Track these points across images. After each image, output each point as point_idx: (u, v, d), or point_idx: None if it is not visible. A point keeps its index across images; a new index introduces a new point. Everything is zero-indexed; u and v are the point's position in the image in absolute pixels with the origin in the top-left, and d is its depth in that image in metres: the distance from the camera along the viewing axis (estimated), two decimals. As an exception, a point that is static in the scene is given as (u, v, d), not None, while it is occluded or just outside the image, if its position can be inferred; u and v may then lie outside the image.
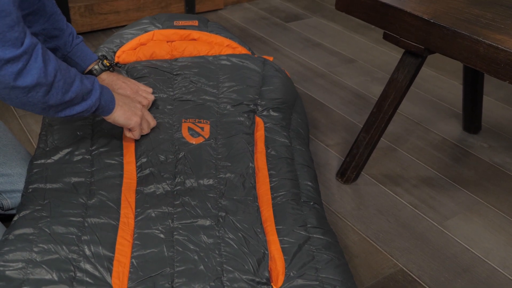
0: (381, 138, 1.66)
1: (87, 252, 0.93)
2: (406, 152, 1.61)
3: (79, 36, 1.23)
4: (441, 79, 2.08)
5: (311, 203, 1.15)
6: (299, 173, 1.24)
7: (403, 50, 1.35)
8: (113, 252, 0.95)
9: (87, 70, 1.24)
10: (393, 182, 1.47)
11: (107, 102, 1.03)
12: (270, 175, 1.20)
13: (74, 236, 0.96)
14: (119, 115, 1.06)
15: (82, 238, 0.96)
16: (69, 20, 2.21)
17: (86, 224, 0.99)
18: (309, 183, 1.22)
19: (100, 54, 1.28)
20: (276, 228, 1.06)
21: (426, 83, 2.04)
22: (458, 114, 1.82)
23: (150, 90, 1.32)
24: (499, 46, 1.07)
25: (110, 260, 0.93)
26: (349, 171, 1.45)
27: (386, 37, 1.33)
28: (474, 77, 1.61)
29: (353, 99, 1.90)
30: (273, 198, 1.14)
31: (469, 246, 1.26)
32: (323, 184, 1.45)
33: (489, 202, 1.41)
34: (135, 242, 0.99)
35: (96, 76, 1.24)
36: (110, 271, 0.91)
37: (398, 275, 1.17)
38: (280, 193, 1.15)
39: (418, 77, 2.07)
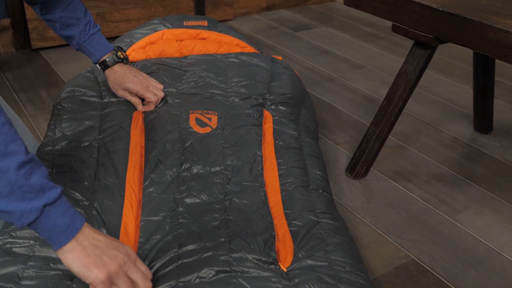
0: (391, 137, 1.65)
1: None
2: (417, 150, 1.59)
3: (97, 25, 1.22)
4: (451, 84, 2.06)
5: (320, 191, 1.13)
6: (307, 163, 1.22)
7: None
8: (118, 236, 0.93)
9: (101, 60, 1.23)
10: (404, 178, 1.45)
11: (55, 227, 0.70)
12: (278, 164, 1.18)
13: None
14: (73, 258, 0.71)
15: (88, 221, 0.95)
16: (80, 27, 2.24)
17: (92, 207, 0.98)
18: (318, 172, 1.20)
19: (116, 45, 1.28)
20: (285, 213, 1.04)
21: (436, 87, 2.02)
22: (469, 116, 1.80)
23: (161, 86, 1.31)
24: (510, 30, 1.06)
25: None
26: (358, 166, 1.43)
27: (394, 29, 1.33)
28: (485, 76, 1.59)
29: (362, 101, 1.89)
30: (281, 185, 1.12)
31: (482, 238, 1.23)
32: (332, 179, 1.43)
33: (503, 198, 1.38)
34: (141, 229, 0.97)
35: (109, 66, 1.24)
36: None
37: (409, 265, 1.14)
38: (289, 180, 1.13)
39: (428, 81, 2.07)
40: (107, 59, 1.22)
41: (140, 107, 1.27)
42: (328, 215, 1.05)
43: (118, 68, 1.25)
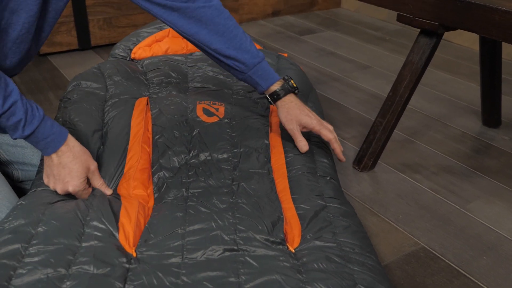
0: (399, 132, 1.64)
1: (95, 212, 0.91)
2: (425, 144, 1.58)
3: (260, 54, 1.13)
4: (458, 82, 2.06)
5: (328, 178, 1.12)
6: (314, 152, 1.21)
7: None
8: (118, 215, 0.92)
9: (271, 91, 1.13)
10: (412, 170, 1.43)
11: (44, 139, 0.91)
12: (285, 151, 1.17)
13: (83, 203, 0.94)
14: (45, 166, 0.96)
15: (91, 203, 0.94)
16: (87, 32, 2.26)
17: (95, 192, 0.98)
18: (325, 160, 1.19)
19: (285, 75, 1.18)
20: (292, 197, 1.03)
21: (443, 85, 2.02)
22: (477, 112, 1.79)
23: (332, 127, 1.16)
24: (515, 11, 1.06)
25: (116, 221, 0.90)
26: (366, 158, 1.42)
27: (399, 18, 1.33)
28: (492, 70, 1.58)
29: (369, 99, 1.88)
30: (288, 171, 1.11)
31: (493, 226, 1.21)
32: (340, 172, 1.42)
33: (513, 188, 1.36)
34: (153, 213, 0.97)
35: (282, 97, 1.13)
36: (117, 230, 0.88)
37: (420, 252, 1.12)
38: (296, 167, 1.12)
39: (435, 80, 2.06)
40: (278, 89, 1.12)
41: (306, 149, 1.15)
42: (336, 200, 1.04)
43: (291, 99, 1.13)
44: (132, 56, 1.63)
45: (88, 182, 0.98)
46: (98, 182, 0.99)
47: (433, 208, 1.27)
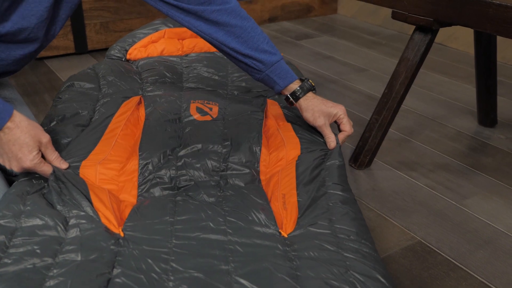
0: (395, 131, 1.63)
1: (70, 201, 0.89)
2: (421, 142, 1.57)
3: (277, 54, 1.13)
4: (454, 84, 2.06)
5: (336, 162, 1.09)
6: (323, 141, 1.19)
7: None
8: (90, 199, 0.91)
9: (290, 90, 1.12)
10: (408, 167, 1.43)
11: None
12: (299, 136, 1.15)
13: (55, 192, 0.92)
14: None
15: (62, 191, 0.92)
16: (84, 36, 2.26)
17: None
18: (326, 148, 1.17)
19: (304, 77, 1.17)
20: (296, 183, 1.01)
21: (439, 87, 2.02)
22: (473, 112, 1.79)
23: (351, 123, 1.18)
24: (509, 4, 1.06)
25: (91, 206, 0.89)
26: (362, 156, 1.41)
27: (394, 15, 1.33)
28: (487, 70, 1.58)
29: (365, 100, 1.88)
30: (299, 159, 1.09)
31: (490, 221, 1.20)
32: (336, 170, 1.41)
33: (510, 185, 1.35)
34: (138, 198, 0.96)
35: (302, 96, 1.12)
36: (96, 214, 0.87)
37: (416, 246, 1.11)
38: (308, 150, 1.10)
39: (431, 82, 2.06)
40: (298, 88, 1.12)
41: (333, 146, 1.13)
42: (338, 186, 1.01)
43: (313, 95, 1.13)
44: (128, 57, 1.63)
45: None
46: (52, 156, 0.95)
47: (430, 204, 1.26)
